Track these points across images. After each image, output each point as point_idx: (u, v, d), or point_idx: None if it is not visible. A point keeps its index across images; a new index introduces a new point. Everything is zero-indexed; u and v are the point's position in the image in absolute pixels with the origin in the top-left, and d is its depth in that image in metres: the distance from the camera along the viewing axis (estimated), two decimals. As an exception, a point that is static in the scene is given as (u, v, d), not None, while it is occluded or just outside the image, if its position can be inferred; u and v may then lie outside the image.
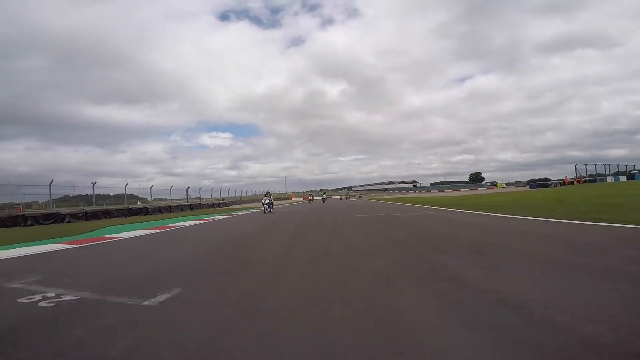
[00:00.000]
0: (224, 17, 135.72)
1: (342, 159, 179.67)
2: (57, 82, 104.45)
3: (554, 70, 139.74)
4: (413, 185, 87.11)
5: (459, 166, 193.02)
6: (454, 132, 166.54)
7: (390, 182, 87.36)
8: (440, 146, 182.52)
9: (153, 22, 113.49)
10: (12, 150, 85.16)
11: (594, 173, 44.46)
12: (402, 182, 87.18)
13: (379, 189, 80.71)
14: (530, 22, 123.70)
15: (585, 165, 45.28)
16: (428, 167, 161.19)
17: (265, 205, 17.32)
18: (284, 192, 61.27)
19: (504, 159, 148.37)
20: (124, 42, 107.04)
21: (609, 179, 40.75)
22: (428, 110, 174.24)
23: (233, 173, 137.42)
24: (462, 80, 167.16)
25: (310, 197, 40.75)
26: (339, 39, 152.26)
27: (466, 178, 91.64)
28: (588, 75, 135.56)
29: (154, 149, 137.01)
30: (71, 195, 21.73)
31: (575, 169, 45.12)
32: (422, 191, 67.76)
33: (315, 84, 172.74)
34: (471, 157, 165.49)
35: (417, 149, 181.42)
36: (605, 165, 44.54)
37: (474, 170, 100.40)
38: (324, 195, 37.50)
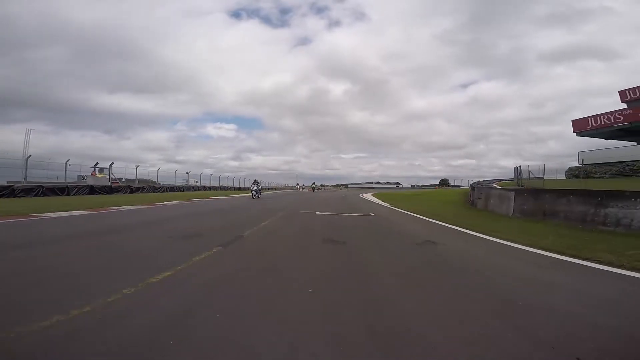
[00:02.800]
0: (236, 15, 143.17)
1: (344, 156, 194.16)
2: (73, 71, 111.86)
3: (557, 79, 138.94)
4: (396, 186, 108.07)
5: (460, 170, 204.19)
6: (456, 136, 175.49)
7: (377, 182, 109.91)
8: (442, 149, 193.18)
9: (170, 19, 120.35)
10: (21, 132, 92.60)
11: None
12: (388, 182, 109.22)
13: (368, 187, 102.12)
14: (534, 32, 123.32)
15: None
16: (430, 169, 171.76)
17: (253, 192, 19.09)
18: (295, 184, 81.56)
19: (505, 165, 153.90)
20: (141, 37, 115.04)
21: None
22: (431, 114, 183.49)
23: (235, 163, 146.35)
24: (466, 85, 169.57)
25: (315, 189, 47.02)
26: (345, 41, 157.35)
27: (464, 182, 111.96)
28: (591, 86, 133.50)
29: (160, 136, 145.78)
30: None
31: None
32: (397, 190, 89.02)
33: (319, 83, 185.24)
34: (473, 161, 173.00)
35: (419, 150, 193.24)
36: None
37: (474, 175, 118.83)
38: (313, 186, 50.28)
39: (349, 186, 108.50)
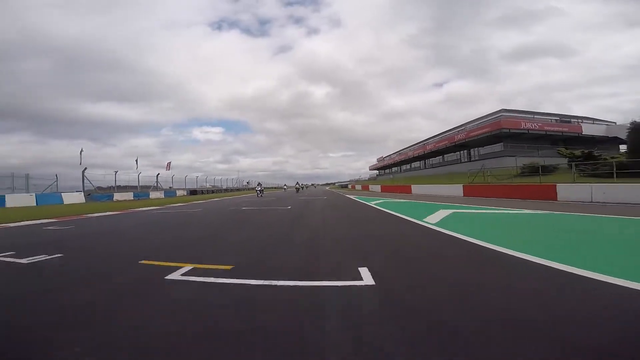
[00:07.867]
0: (217, 26, 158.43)
1: (332, 155, 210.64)
2: (58, 82, 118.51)
3: (521, 76, 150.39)
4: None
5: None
6: (435, 132, 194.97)
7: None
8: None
9: (153, 31, 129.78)
10: (6, 143, 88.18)
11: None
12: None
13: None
14: (490, 34, 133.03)
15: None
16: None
17: (257, 191, 29.00)
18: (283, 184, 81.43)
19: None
20: (126, 48, 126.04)
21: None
22: (410, 112, 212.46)
23: (224, 166, 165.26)
24: (440, 85, 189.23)
25: (298, 189, 53.69)
26: (323, 47, 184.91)
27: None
28: (553, 81, 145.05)
29: (146, 142, 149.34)
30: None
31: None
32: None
33: (301, 87, 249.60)
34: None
35: (402, 147, 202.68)
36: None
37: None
38: (297, 186, 55.74)
39: (336, 184, 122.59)
